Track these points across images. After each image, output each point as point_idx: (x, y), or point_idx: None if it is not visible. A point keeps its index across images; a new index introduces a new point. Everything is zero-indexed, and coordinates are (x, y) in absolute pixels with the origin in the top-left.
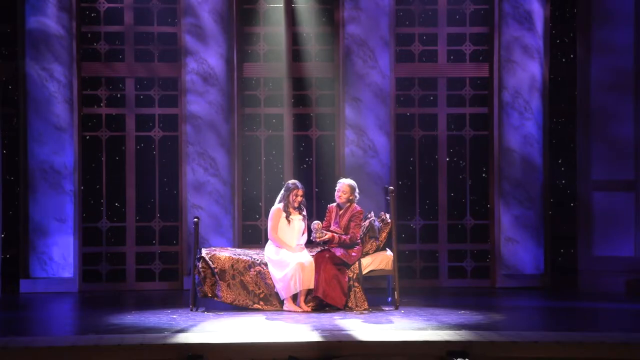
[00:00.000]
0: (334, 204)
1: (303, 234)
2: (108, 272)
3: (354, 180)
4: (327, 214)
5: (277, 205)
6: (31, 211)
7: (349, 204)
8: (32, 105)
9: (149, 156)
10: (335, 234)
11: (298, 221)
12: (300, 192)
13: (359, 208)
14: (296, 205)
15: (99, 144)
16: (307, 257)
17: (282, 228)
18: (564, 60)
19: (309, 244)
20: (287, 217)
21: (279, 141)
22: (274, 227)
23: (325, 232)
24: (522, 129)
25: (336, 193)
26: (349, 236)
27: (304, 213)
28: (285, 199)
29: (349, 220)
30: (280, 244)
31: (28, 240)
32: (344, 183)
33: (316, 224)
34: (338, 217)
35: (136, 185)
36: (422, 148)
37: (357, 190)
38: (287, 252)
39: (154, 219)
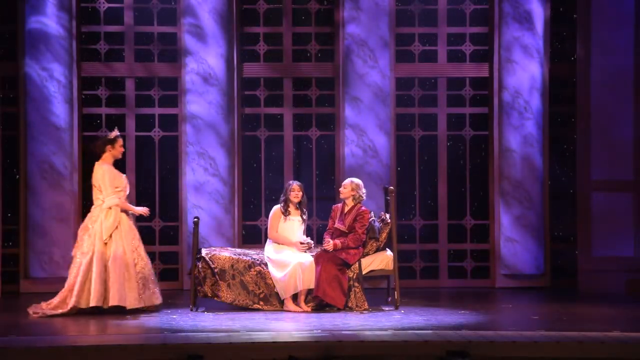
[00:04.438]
0: (339, 204)
1: (303, 234)
2: None
3: None
4: (331, 213)
5: (277, 206)
6: (31, 211)
7: (353, 203)
8: (32, 105)
9: (149, 156)
10: (337, 242)
11: (297, 222)
12: (295, 187)
13: (364, 208)
14: (297, 201)
15: None
16: (307, 257)
17: (281, 228)
18: (564, 60)
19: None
20: (285, 217)
21: (279, 141)
22: (273, 226)
23: (328, 241)
24: (522, 129)
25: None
26: (352, 237)
27: (305, 216)
28: (285, 196)
29: (354, 220)
30: (281, 242)
31: (28, 240)
32: (348, 179)
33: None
34: (343, 215)
35: (136, 185)
36: (422, 148)
37: (361, 189)
38: (287, 252)
39: (154, 219)
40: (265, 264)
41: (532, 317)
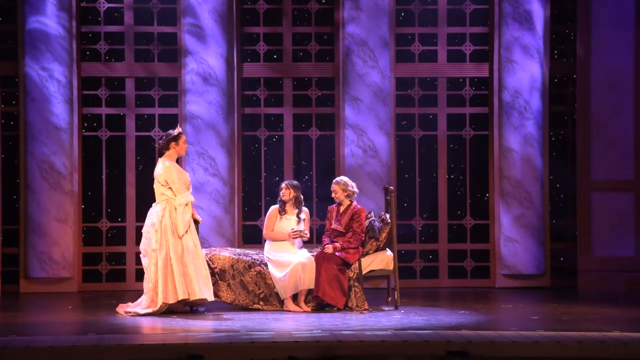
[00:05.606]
0: (335, 205)
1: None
2: (108, 272)
3: (354, 180)
4: (327, 214)
5: (274, 206)
6: (31, 211)
7: (349, 202)
8: (32, 105)
9: (149, 156)
10: (337, 245)
11: (294, 221)
12: (282, 187)
13: (359, 206)
14: (285, 199)
15: (99, 144)
16: (307, 257)
17: (277, 227)
18: (564, 60)
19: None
20: (281, 216)
21: (279, 141)
22: (268, 225)
23: (327, 246)
24: (522, 129)
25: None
26: (351, 237)
27: (302, 216)
28: (279, 196)
29: (350, 220)
30: (276, 238)
31: (28, 240)
32: (333, 183)
33: (327, 247)
34: (339, 215)
35: (136, 185)
36: (422, 148)
37: (350, 185)
38: (287, 252)
39: None
40: (265, 264)
41: (532, 317)
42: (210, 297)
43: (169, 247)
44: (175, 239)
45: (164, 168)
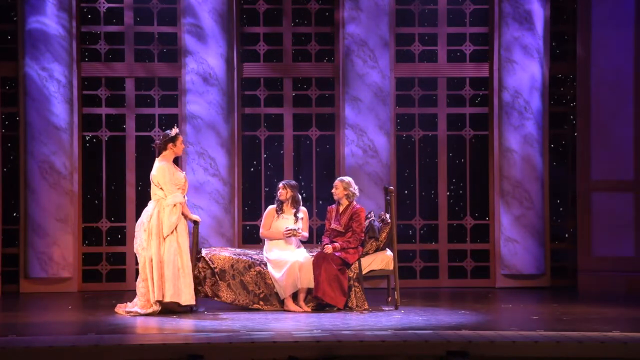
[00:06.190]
0: (334, 205)
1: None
2: (108, 272)
3: (354, 180)
4: (327, 215)
5: (272, 205)
6: (31, 211)
7: (348, 202)
8: (32, 105)
9: (149, 156)
10: (337, 245)
11: (290, 221)
12: (280, 186)
13: (358, 206)
14: (282, 199)
15: (99, 144)
16: (305, 256)
17: (274, 226)
18: (564, 60)
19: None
20: (278, 215)
21: (279, 141)
22: (265, 224)
23: (327, 246)
24: (522, 129)
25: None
26: (351, 237)
27: (299, 215)
28: (276, 195)
29: (350, 220)
30: (272, 237)
31: (28, 240)
32: (337, 180)
33: (327, 247)
34: (338, 215)
35: (136, 185)
36: (422, 148)
37: (352, 186)
38: (285, 252)
39: None
40: (265, 264)
41: (532, 317)
42: (188, 300)
43: (151, 248)
44: (159, 239)
45: (157, 169)
